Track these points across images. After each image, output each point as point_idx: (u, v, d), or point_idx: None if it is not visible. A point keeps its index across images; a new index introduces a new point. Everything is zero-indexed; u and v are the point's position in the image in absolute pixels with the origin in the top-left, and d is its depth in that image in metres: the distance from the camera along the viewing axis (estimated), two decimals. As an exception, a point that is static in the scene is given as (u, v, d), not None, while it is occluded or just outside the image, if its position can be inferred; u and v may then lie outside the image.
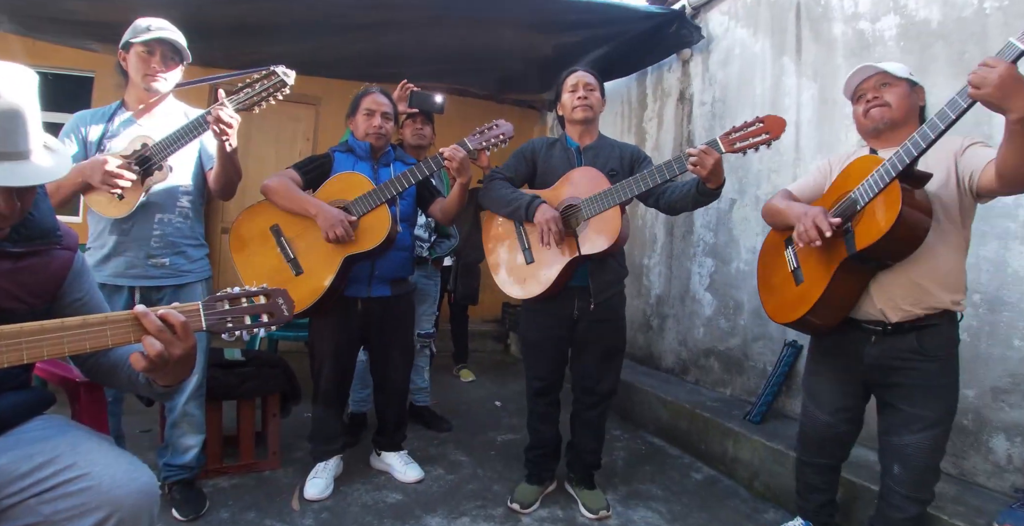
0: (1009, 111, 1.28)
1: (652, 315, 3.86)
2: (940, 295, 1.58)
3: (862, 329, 1.68)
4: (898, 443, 1.65)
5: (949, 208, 1.58)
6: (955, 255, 1.60)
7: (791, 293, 1.79)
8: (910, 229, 1.49)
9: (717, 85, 3.50)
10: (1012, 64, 1.26)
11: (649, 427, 3.14)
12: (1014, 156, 1.36)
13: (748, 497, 2.41)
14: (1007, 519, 1.66)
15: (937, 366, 1.60)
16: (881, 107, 1.66)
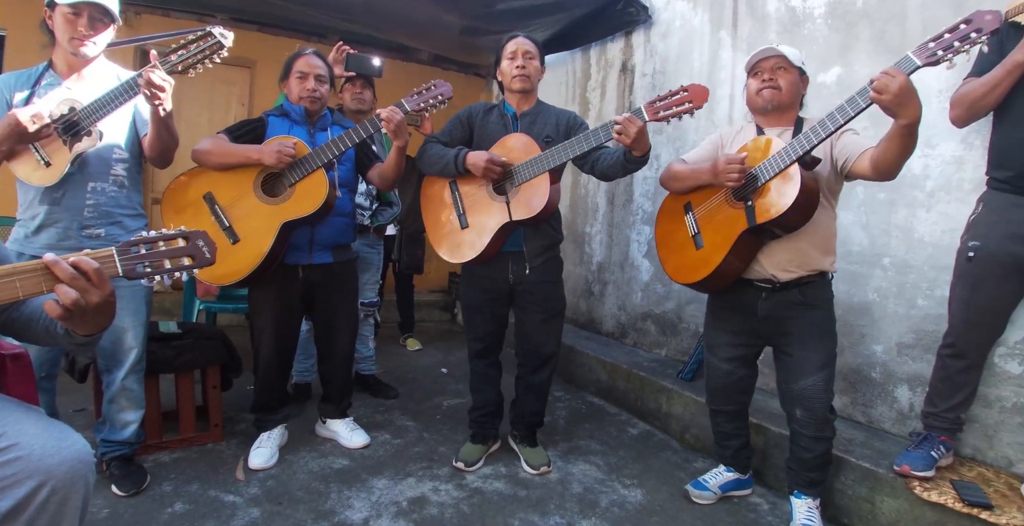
0: (899, 117, 1.48)
1: (594, 281, 3.97)
2: (819, 259, 1.82)
3: (755, 287, 1.88)
4: (796, 389, 1.85)
5: (824, 184, 1.80)
6: (829, 224, 1.84)
7: (692, 256, 1.95)
8: (805, 207, 1.69)
9: (658, 57, 3.55)
10: (908, 76, 1.44)
11: (590, 388, 3.28)
12: (893, 153, 1.58)
13: (680, 448, 2.58)
14: (904, 460, 1.85)
15: (818, 313, 1.84)
16: (773, 89, 1.85)
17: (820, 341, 1.84)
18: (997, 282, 1.78)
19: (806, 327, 1.84)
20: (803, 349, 1.84)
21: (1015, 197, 1.75)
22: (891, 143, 1.56)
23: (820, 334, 1.84)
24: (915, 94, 1.45)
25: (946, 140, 2.14)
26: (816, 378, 1.81)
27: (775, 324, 1.88)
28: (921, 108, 1.48)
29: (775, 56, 1.85)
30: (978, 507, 1.67)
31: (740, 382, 2.03)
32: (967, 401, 1.89)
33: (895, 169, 1.62)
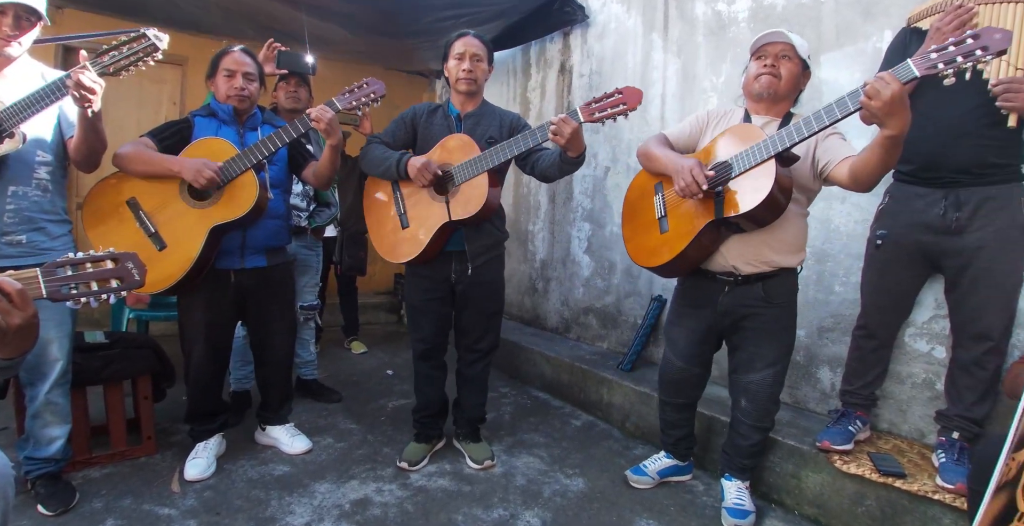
0: (886, 126, 1.41)
1: (537, 278, 4.03)
2: (784, 256, 1.81)
3: (717, 280, 1.88)
4: (745, 380, 1.90)
5: (799, 183, 1.77)
6: (800, 223, 1.84)
7: (654, 239, 1.92)
8: (775, 205, 1.67)
9: (594, 58, 3.64)
10: (904, 85, 1.36)
11: (535, 383, 3.33)
12: (873, 165, 1.53)
13: (621, 437, 2.66)
14: (824, 436, 1.97)
15: (778, 312, 1.85)
16: (772, 77, 1.77)
17: (776, 339, 1.86)
18: (903, 267, 1.91)
19: (764, 324, 1.85)
20: (757, 345, 1.87)
21: (917, 188, 1.88)
22: (872, 154, 1.51)
23: (777, 332, 1.86)
24: (907, 105, 1.38)
25: (858, 136, 2.26)
26: (766, 373, 1.86)
27: (733, 320, 1.89)
28: (909, 120, 1.41)
29: (783, 42, 1.77)
30: (892, 476, 1.80)
31: (694, 379, 2.06)
32: (880, 378, 2.03)
33: (873, 181, 1.58)
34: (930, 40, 1.79)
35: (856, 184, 1.62)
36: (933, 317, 2.04)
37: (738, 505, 1.92)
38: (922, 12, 1.91)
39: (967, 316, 1.81)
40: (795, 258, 1.83)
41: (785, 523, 1.97)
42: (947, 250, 1.81)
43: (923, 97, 1.87)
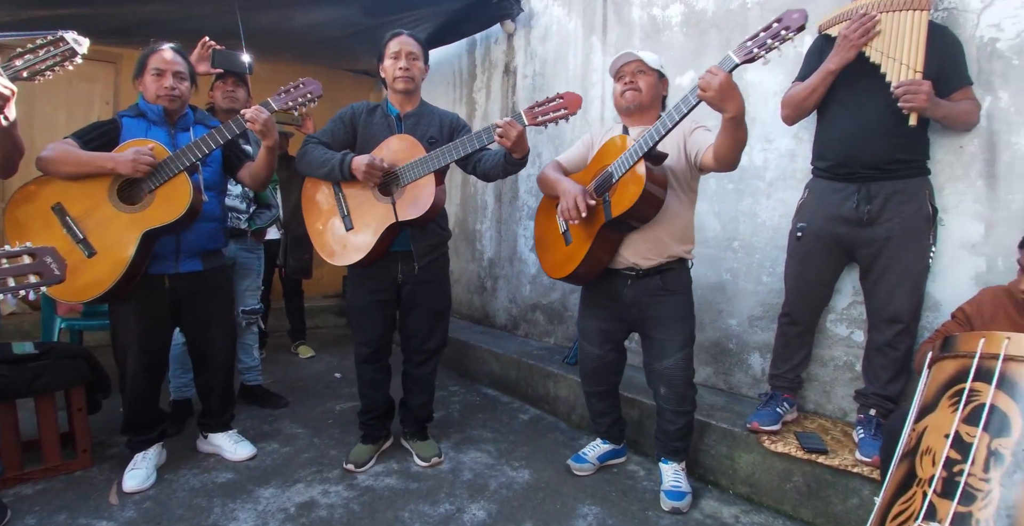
0: (724, 111, 1.63)
1: (486, 277, 4.07)
2: (676, 247, 1.98)
3: (620, 275, 2.02)
4: (659, 368, 2.01)
5: (679, 177, 1.96)
6: (686, 214, 2.01)
7: (562, 252, 2.08)
8: (652, 199, 1.84)
9: (537, 59, 3.71)
10: (729, 73, 1.57)
11: (484, 380, 3.36)
12: (726, 145, 1.74)
13: (567, 429, 2.72)
14: (754, 418, 2.08)
15: (678, 299, 2.00)
16: (634, 91, 1.98)
17: (679, 324, 2.00)
18: (821, 257, 2.03)
19: (666, 311, 1.99)
20: (663, 332, 2.00)
21: (833, 183, 2.01)
22: (722, 136, 1.73)
23: (679, 318, 2.00)
24: (735, 90, 1.60)
25: (781, 136, 2.43)
26: (676, 358, 1.98)
27: (639, 309, 2.02)
28: (743, 103, 1.63)
29: (635, 61, 1.99)
30: (816, 453, 1.92)
31: (611, 365, 2.18)
32: (804, 362, 2.15)
33: (732, 160, 1.78)
34: (838, 46, 1.92)
35: (720, 164, 1.82)
36: (851, 303, 2.18)
37: (675, 487, 2.01)
38: (831, 20, 2.04)
39: (880, 301, 1.94)
40: (685, 248, 2.00)
41: (720, 502, 2.07)
42: (860, 240, 1.95)
43: (835, 101, 2.01)
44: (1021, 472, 0.99)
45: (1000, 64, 1.96)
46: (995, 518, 0.98)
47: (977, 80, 1.98)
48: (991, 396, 1.07)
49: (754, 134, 2.51)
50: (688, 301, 2.04)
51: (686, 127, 1.93)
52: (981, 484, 1.02)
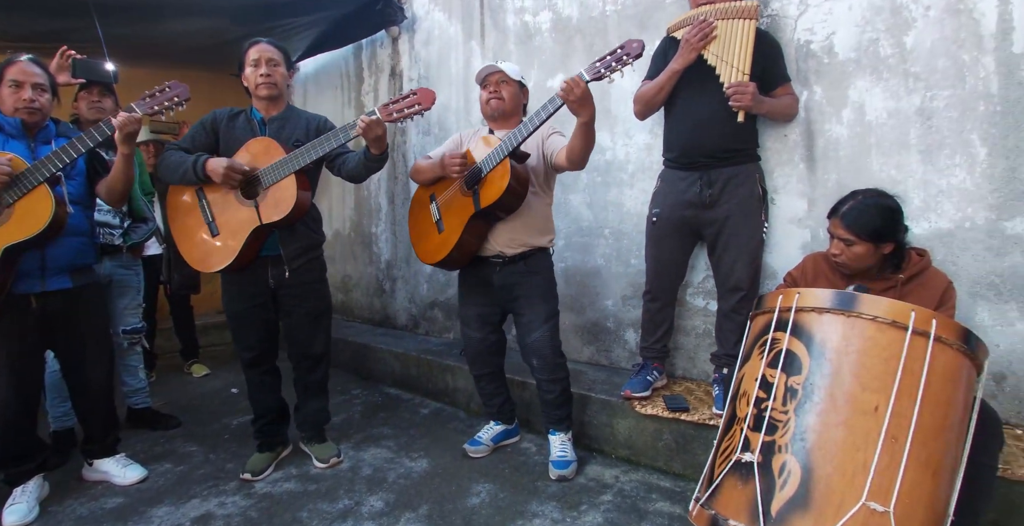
0: (580, 115, 1.85)
1: (384, 279, 4.08)
2: (537, 238, 2.18)
3: (489, 263, 2.20)
4: (529, 342, 2.17)
5: (539, 176, 2.16)
6: (544, 209, 2.22)
7: (435, 240, 2.21)
8: (515, 193, 2.02)
9: (421, 63, 3.78)
10: (587, 84, 1.80)
11: (387, 380, 3.39)
12: (578, 147, 1.95)
13: (465, 417, 2.83)
14: (626, 387, 2.29)
15: (539, 278, 2.19)
16: (498, 100, 2.17)
17: (543, 301, 2.18)
18: (674, 239, 2.26)
19: (531, 290, 2.17)
20: (530, 309, 2.18)
21: (680, 172, 2.24)
22: (575, 139, 1.94)
23: (542, 294, 2.19)
24: (591, 99, 1.83)
25: (639, 132, 2.66)
26: (542, 330, 2.16)
27: (508, 291, 2.19)
28: (595, 110, 1.86)
29: (497, 72, 2.17)
30: (679, 411, 2.14)
31: (492, 346, 2.33)
32: (668, 333, 2.38)
33: (582, 160, 2.00)
34: (681, 49, 2.15)
35: (571, 164, 2.03)
36: (705, 277, 2.44)
37: (561, 457, 2.16)
38: (677, 24, 2.27)
39: (724, 273, 2.20)
40: (545, 238, 2.21)
41: (603, 466, 2.25)
42: (704, 221, 2.19)
43: (679, 98, 2.24)
44: (810, 402, 1.20)
45: (814, 62, 2.27)
46: (792, 442, 1.18)
47: (796, 77, 2.29)
48: (787, 342, 1.28)
49: (616, 131, 2.74)
50: (549, 281, 2.23)
51: (544, 132, 2.12)
52: (781, 416, 1.22)
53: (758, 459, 1.20)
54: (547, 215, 2.23)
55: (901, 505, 1.09)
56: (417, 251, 2.33)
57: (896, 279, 1.70)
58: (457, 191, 2.15)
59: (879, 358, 1.16)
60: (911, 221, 2.05)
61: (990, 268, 1.97)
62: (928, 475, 1.12)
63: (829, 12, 2.24)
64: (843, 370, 1.18)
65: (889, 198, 1.71)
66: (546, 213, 2.23)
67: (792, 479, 1.14)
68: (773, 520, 1.13)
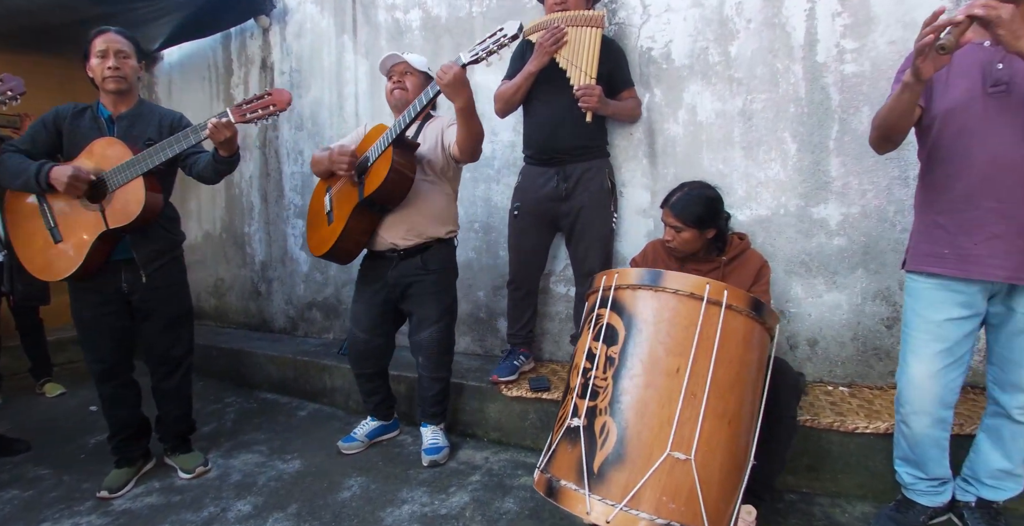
0: (455, 101, 1.89)
1: (260, 281, 3.94)
2: (433, 228, 2.20)
3: (385, 258, 2.21)
4: (417, 340, 2.22)
5: (437, 166, 2.19)
6: (444, 200, 2.24)
7: (324, 231, 2.22)
8: (398, 181, 2.04)
9: (293, 56, 3.68)
10: (462, 68, 1.85)
11: (263, 386, 3.29)
12: (462, 135, 2.02)
13: (344, 416, 2.81)
14: (495, 372, 2.39)
15: (435, 277, 2.22)
16: (401, 90, 2.20)
17: (436, 300, 2.21)
18: (534, 230, 2.40)
19: (424, 289, 2.20)
20: (422, 307, 2.21)
21: (538, 168, 2.37)
22: (458, 127, 2.01)
23: (437, 294, 2.21)
24: (466, 84, 1.87)
25: (504, 130, 2.78)
26: (432, 330, 2.20)
27: (402, 289, 2.22)
28: (471, 96, 1.91)
29: (401, 62, 2.21)
30: (541, 391, 2.28)
31: (378, 349, 2.33)
32: (532, 319, 2.51)
33: (471, 149, 2.07)
34: (536, 52, 2.27)
35: (463, 154, 2.12)
36: (565, 266, 2.60)
37: (433, 444, 2.23)
38: (532, 28, 2.39)
39: (579, 260, 2.36)
40: (443, 229, 2.23)
41: (475, 449, 2.35)
42: (561, 213, 2.34)
43: (536, 99, 2.37)
44: (624, 368, 1.34)
45: (654, 68, 2.49)
46: (610, 405, 1.32)
47: (639, 80, 2.50)
48: (608, 317, 1.42)
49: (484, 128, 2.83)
50: (446, 278, 2.26)
51: (446, 122, 2.19)
52: (602, 383, 1.35)
53: (583, 423, 1.33)
54: (446, 205, 2.24)
55: (701, 452, 1.26)
56: (309, 243, 2.34)
57: (719, 261, 1.92)
58: (348, 182, 2.16)
59: (680, 326, 1.32)
60: (736, 209, 2.32)
61: (801, 248, 2.27)
62: (724, 425, 1.30)
63: (667, 22, 2.47)
64: (651, 338, 1.33)
65: (711, 189, 1.93)
66: (445, 203, 2.24)
67: (610, 438, 1.27)
68: (595, 476, 1.26)
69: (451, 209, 2.29)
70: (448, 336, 2.25)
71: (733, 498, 1.32)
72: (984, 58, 1.45)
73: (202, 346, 3.51)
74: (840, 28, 2.22)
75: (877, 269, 2.16)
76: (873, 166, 2.17)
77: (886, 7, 2.14)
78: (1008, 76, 1.41)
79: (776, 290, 2.27)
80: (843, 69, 2.21)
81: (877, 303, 2.17)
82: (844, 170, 2.20)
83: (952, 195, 1.50)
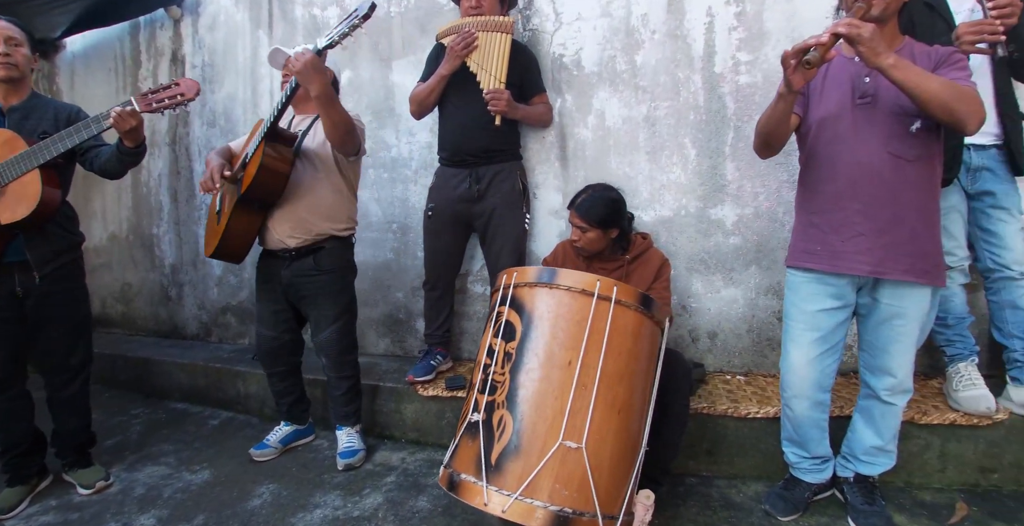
0: (310, 88, 1.87)
1: (170, 285, 3.76)
2: (324, 225, 2.16)
3: (279, 257, 2.17)
4: (317, 340, 2.20)
5: (326, 160, 2.16)
6: (336, 195, 2.19)
7: (214, 230, 2.19)
8: (270, 176, 2.01)
9: (206, 49, 3.55)
10: (316, 54, 1.85)
11: (174, 395, 3.15)
12: (325, 124, 1.97)
13: (259, 423, 2.74)
14: (411, 372, 2.40)
15: (330, 277, 2.18)
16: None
17: (332, 300, 2.18)
18: (448, 231, 2.42)
19: (319, 289, 2.16)
20: (318, 308, 2.19)
21: (452, 169, 2.40)
22: (320, 116, 1.96)
23: (333, 294, 2.19)
24: (320, 70, 1.85)
25: (421, 131, 2.79)
26: (330, 330, 2.18)
27: (295, 289, 2.18)
28: (325, 83, 1.87)
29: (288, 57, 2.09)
30: (456, 389, 2.31)
31: (286, 346, 2.29)
32: (449, 319, 2.53)
33: (337, 139, 2.03)
34: (447, 55, 2.30)
35: (334, 145, 2.09)
36: (482, 266, 2.65)
37: (348, 447, 2.22)
38: (444, 32, 2.42)
39: (492, 259, 2.41)
40: (336, 225, 2.19)
41: (392, 451, 2.35)
42: (474, 214, 2.38)
43: (450, 102, 2.40)
44: (520, 363, 1.40)
45: (566, 74, 2.57)
46: (507, 399, 1.37)
47: (552, 86, 2.58)
48: (507, 314, 1.47)
49: (401, 129, 2.85)
50: (342, 278, 2.23)
51: None
52: (500, 378, 1.40)
53: (483, 417, 1.37)
54: (338, 201, 2.20)
55: (592, 440, 1.32)
56: (204, 245, 2.29)
57: (623, 259, 2.02)
58: (232, 177, 2.11)
59: (573, 321, 1.39)
60: (641, 210, 2.44)
61: (700, 247, 2.42)
62: (614, 413, 1.37)
63: (578, 30, 2.56)
64: (546, 333, 1.39)
65: (613, 191, 2.02)
66: (336, 199, 2.19)
67: (507, 430, 1.32)
68: (493, 468, 1.31)
69: (345, 205, 2.23)
70: (347, 335, 2.23)
71: (625, 483, 1.40)
72: (854, 72, 1.60)
73: (108, 355, 3.34)
74: (736, 41, 2.37)
75: (769, 266, 2.33)
76: (764, 170, 2.33)
77: (777, 23, 2.32)
78: (874, 89, 1.56)
79: (678, 286, 2.41)
80: (738, 80, 2.37)
81: (769, 297, 2.34)
82: (739, 174, 2.36)
83: (824, 197, 1.64)
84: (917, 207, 1.56)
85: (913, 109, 1.46)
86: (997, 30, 1.59)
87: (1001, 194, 1.88)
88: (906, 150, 1.53)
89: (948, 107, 1.38)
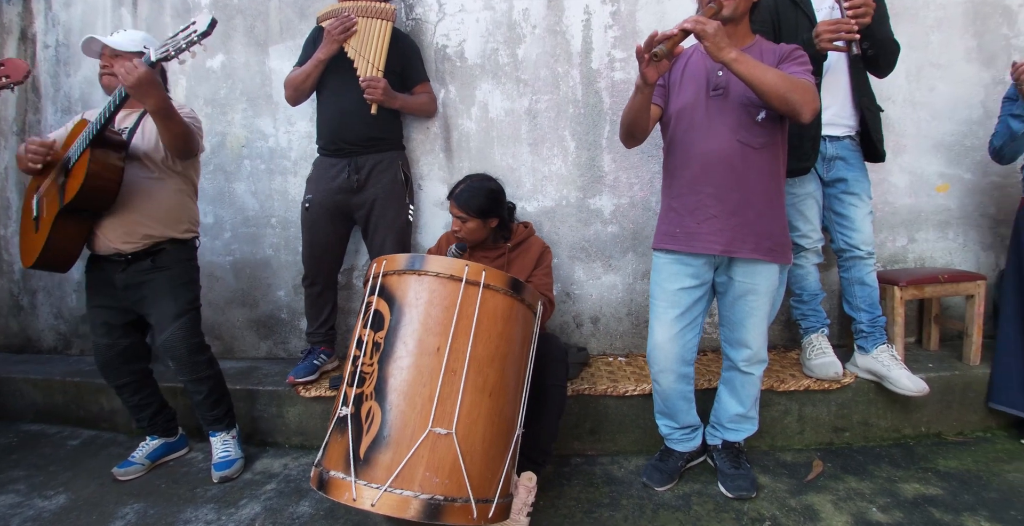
0: (145, 103, 1.74)
1: (21, 293, 3.37)
2: (162, 229, 2.00)
3: (112, 262, 1.98)
4: (162, 343, 2.01)
5: (160, 162, 1.99)
6: (174, 196, 2.04)
7: (32, 239, 1.96)
8: (99, 186, 1.82)
9: (61, 27, 3.21)
10: (149, 68, 1.70)
11: (27, 416, 2.81)
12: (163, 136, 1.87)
13: (126, 440, 2.49)
14: (292, 373, 2.29)
15: (169, 273, 2.02)
16: (111, 76, 1.95)
17: (173, 296, 2.01)
18: (327, 223, 2.33)
19: (158, 287, 2.00)
20: (158, 307, 2.00)
21: (330, 159, 2.32)
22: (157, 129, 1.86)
23: (172, 290, 2.01)
24: (154, 85, 1.71)
25: (301, 119, 2.68)
26: (172, 329, 1.99)
27: (133, 291, 2.01)
28: (163, 97, 1.75)
29: (103, 45, 1.95)
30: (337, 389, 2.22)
31: (125, 352, 2.09)
32: (332, 316, 2.45)
33: (178, 150, 1.91)
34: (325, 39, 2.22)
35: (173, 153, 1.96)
36: (368, 260, 2.58)
37: (224, 457, 2.08)
38: (324, 14, 2.34)
39: (375, 252, 2.34)
40: (177, 229, 2.05)
41: (274, 457, 2.23)
42: (354, 204, 2.31)
43: (327, 88, 2.32)
44: (388, 351, 1.37)
45: (449, 65, 2.56)
46: (375, 390, 1.34)
47: (435, 76, 2.56)
48: (375, 303, 1.43)
49: (279, 117, 2.73)
50: (181, 274, 2.05)
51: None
52: (369, 369, 1.37)
53: (351, 411, 1.33)
54: (177, 202, 2.05)
55: (462, 426, 1.32)
56: (20, 252, 2.03)
57: (505, 247, 2.04)
58: (53, 181, 1.90)
59: (441, 307, 1.38)
60: (524, 201, 2.48)
61: (581, 236, 2.49)
62: (485, 397, 1.38)
63: (462, 22, 2.56)
64: (414, 320, 1.37)
65: (492, 181, 2.04)
66: (175, 200, 2.04)
67: (375, 422, 1.29)
68: (361, 461, 1.27)
69: (186, 206, 2.08)
70: (194, 334, 2.05)
71: (500, 466, 1.41)
72: (709, 66, 1.71)
73: (-57, 376, 2.92)
74: (611, 39, 2.47)
75: (644, 252, 2.45)
76: (638, 162, 2.45)
77: (648, 23, 2.43)
78: (725, 82, 1.67)
79: (561, 274, 2.47)
80: (613, 76, 2.47)
81: (645, 282, 2.46)
82: (615, 166, 2.46)
83: (681, 182, 1.75)
84: (762, 191, 1.69)
85: (759, 100, 1.59)
86: (853, 29, 1.75)
87: (853, 181, 2.06)
88: (753, 138, 1.66)
89: (784, 97, 1.51)
